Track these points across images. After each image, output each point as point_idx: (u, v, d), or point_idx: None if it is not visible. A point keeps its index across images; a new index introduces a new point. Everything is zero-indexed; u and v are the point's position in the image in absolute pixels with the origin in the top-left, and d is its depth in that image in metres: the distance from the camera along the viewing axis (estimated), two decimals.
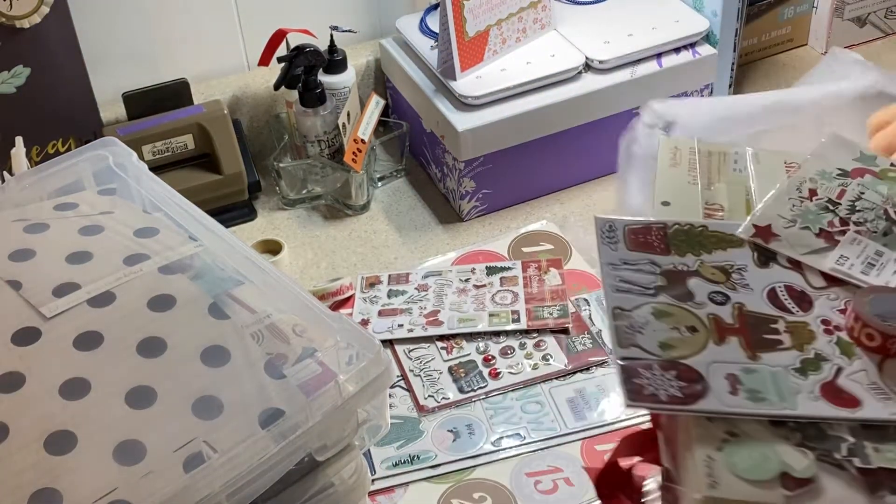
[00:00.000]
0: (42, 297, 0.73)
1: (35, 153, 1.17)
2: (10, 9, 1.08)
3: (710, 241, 0.80)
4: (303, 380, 0.70)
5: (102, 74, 1.25)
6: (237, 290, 0.77)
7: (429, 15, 1.32)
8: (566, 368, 0.99)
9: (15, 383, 0.67)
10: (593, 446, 0.92)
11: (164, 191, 0.86)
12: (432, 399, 0.98)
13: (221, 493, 0.63)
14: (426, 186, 1.30)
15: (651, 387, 0.68)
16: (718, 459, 0.66)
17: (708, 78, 1.28)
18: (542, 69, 1.21)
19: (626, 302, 0.74)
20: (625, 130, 1.23)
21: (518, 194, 1.25)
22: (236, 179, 1.23)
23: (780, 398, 0.68)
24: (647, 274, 0.77)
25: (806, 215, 0.80)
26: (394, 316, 1.07)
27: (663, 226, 0.80)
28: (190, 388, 0.68)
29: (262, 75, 1.34)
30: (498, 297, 1.07)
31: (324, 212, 1.27)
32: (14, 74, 1.12)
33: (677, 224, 0.80)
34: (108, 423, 0.66)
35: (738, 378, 0.69)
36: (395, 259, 1.19)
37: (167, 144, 1.20)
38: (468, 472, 0.91)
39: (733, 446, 0.66)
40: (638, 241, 0.79)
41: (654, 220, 0.81)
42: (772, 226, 0.80)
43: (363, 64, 1.38)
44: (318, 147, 1.25)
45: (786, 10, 1.46)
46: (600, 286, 1.08)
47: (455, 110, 1.19)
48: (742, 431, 0.67)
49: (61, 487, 0.62)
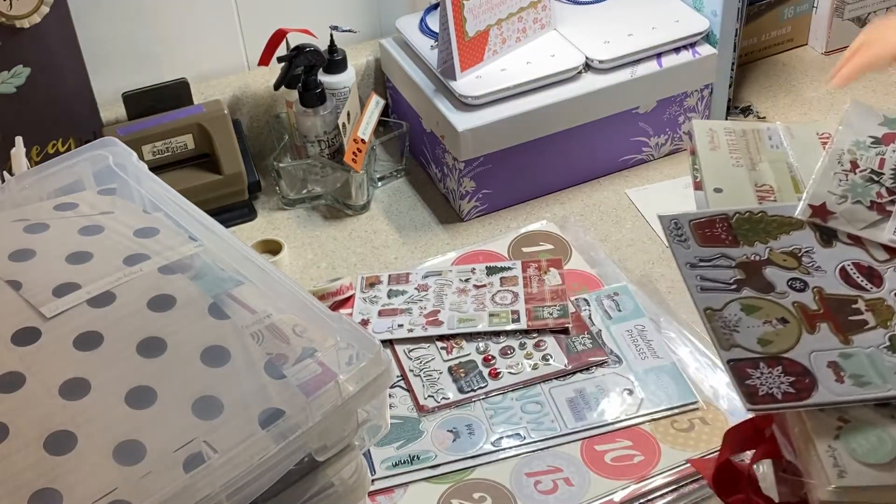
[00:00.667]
0: (42, 297, 0.73)
1: (35, 153, 1.17)
2: (10, 9, 1.08)
3: (773, 227, 0.81)
4: (303, 380, 0.70)
5: (102, 74, 1.25)
6: (237, 290, 0.77)
7: (429, 15, 1.32)
8: (566, 368, 0.99)
9: (15, 383, 0.67)
10: (593, 446, 0.92)
11: (164, 191, 0.86)
12: (432, 399, 0.98)
13: (221, 493, 0.63)
14: (426, 186, 1.30)
15: (764, 386, 0.70)
16: (839, 448, 0.68)
17: (708, 78, 1.28)
18: (542, 69, 1.21)
19: (714, 301, 0.76)
20: (625, 130, 1.23)
21: (518, 194, 1.25)
22: (236, 179, 1.23)
23: (883, 379, 0.70)
24: (723, 269, 0.78)
25: (854, 189, 0.82)
26: (394, 316, 1.07)
27: (725, 216, 0.82)
28: (190, 388, 0.68)
29: (262, 75, 1.34)
30: (498, 297, 1.07)
31: (324, 212, 1.27)
32: (14, 74, 1.12)
33: (738, 213, 0.82)
34: (108, 423, 0.66)
35: (839, 365, 0.71)
36: (395, 259, 1.19)
37: (167, 144, 1.20)
38: (468, 472, 0.91)
39: (848, 433, 0.68)
40: (706, 236, 0.81)
41: (715, 211, 0.83)
42: (826, 204, 0.82)
43: (363, 64, 1.38)
44: (318, 147, 1.25)
45: (786, 10, 1.46)
46: (600, 286, 1.09)
47: (455, 110, 1.19)
48: (853, 417, 0.69)
49: (61, 487, 0.62)
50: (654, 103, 1.26)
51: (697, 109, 1.30)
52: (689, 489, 0.89)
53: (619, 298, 1.07)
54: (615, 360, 1.00)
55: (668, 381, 0.97)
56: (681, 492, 0.89)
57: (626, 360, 1.00)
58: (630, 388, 0.97)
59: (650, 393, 0.96)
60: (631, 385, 0.97)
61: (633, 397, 0.96)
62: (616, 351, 1.01)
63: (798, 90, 1.42)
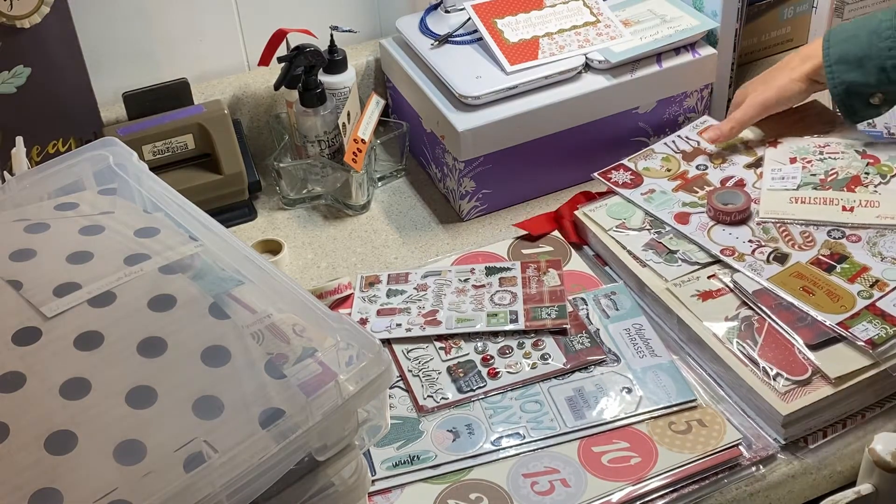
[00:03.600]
0: (43, 296, 0.73)
1: (35, 153, 1.17)
2: (11, 9, 1.08)
3: None
4: (303, 380, 0.70)
5: (102, 74, 1.25)
6: (237, 290, 0.77)
7: (429, 15, 1.32)
8: (564, 367, 1.00)
9: (15, 383, 0.68)
10: (590, 447, 0.92)
11: (165, 191, 0.86)
12: (431, 399, 0.98)
13: (222, 492, 0.63)
14: (426, 186, 1.31)
15: None
16: None
17: (708, 78, 1.28)
18: (542, 69, 1.21)
19: None
20: (625, 130, 1.23)
21: (518, 194, 1.25)
22: (236, 179, 1.24)
23: None
24: None
25: None
26: (392, 315, 1.07)
27: None
28: (190, 387, 0.68)
29: (262, 75, 1.34)
30: (496, 298, 1.08)
31: (324, 212, 1.27)
32: (14, 74, 1.12)
33: None
34: (108, 422, 0.66)
35: None
36: (395, 259, 1.19)
37: (167, 144, 1.21)
38: (465, 472, 0.91)
39: None
40: None
41: None
42: None
43: (363, 64, 1.38)
44: (318, 147, 1.25)
45: (786, 10, 1.46)
46: (598, 285, 1.09)
47: (455, 110, 1.19)
48: None
49: (61, 487, 0.62)
50: (654, 103, 1.27)
51: (697, 109, 1.30)
52: (686, 491, 0.89)
53: (616, 297, 1.07)
54: (613, 359, 1.00)
55: (666, 379, 0.97)
56: (678, 493, 0.89)
57: (624, 359, 1.00)
58: (629, 386, 0.97)
59: (649, 391, 0.96)
60: (630, 383, 0.97)
61: (631, 396, 0.96)
62: (614, 349, 1.01)
63: None
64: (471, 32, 1.27)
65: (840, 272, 1.01)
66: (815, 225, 1.07)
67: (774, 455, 0.92)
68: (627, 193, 1.16)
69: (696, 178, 1.17)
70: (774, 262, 1.04)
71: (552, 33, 1.24)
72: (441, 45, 1.27)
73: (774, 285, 1.00)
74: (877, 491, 0.90)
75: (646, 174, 1.19)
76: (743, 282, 1.02)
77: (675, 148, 1.22)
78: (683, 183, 1.16)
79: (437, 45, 1.27)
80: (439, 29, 1.29)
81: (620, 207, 1.15)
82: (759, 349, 0.96)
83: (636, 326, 1.03)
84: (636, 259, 1.08)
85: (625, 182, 1.18)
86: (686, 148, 1.22)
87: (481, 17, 1.25)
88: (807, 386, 0.92)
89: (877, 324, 0.95)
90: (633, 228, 1.12)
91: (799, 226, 1.08)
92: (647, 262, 1.07)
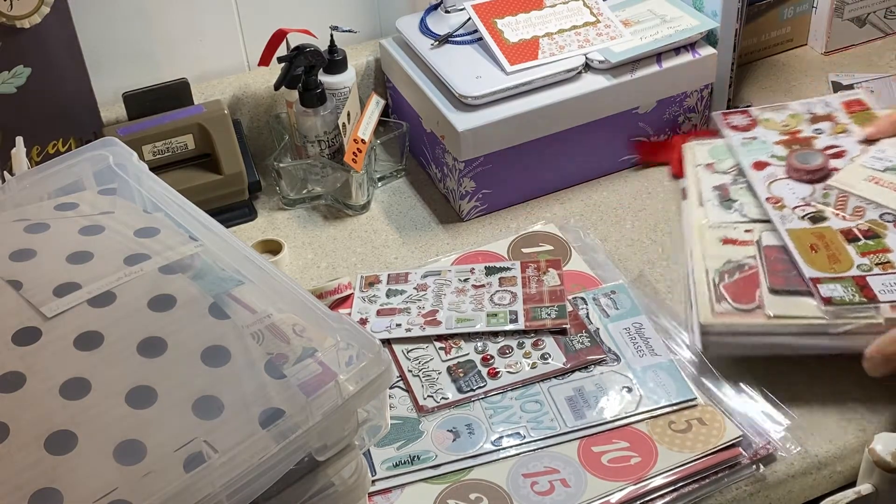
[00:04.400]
0: (42, 296, 0.73)
1: (35, 153, 1.17)
2: (11, 9, 1.08)
3: None
4: (303, 380, 0.70)
5: (102, 74, 1.25)
6: (237, 290, 0.77)
7: (429, 15, 1.32)
8: (565, 367, 1.00)
9: (15, 383, 0.68)
10: (590, 447, 0.92)
11: (165, 191, 0.86)
12: (431, 399, 0.98)
13: (222, 492, 0.63)
14: (426, 186, 1.31)
15: None
16: None
17: (708, 78, 1.28)
18: (542, 69, 1.21)
19: None
20: (625, 130, 1.24)
21: (518, 194, 1.25)
22: (236, 179, 1.24)
23: None
24: None
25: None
26: (392, 315, 1.07)
27: None
28: (190, 387, 0.68)
29: (262, 75, 1.34)
30: (496, 298, 1.08)
31: (324, 212, 1.27)
32: (14, 74, 1.12)
33: None
34: (108, 422, 0.66)
35: None
36: (395, 259, 1.19)
37: (167, 144, 1.21)
38: (465, 472, 0.91)
39: None
40: None
41: None
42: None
43: (363, 64, 1.38)
44: (318, 147, 1.25)
45: (785, 10, 1.46)
46: (598, 285, 1.09)
47: (455, 110, 1.19)
48: None
49: (61, 487, 0.62)
50: (654, 103, 1.27)
51: (697, 109, 1.30)
52: (686, 490, 0.89)
53: (615, 297, 1.07)
54: (613, 359, 1.00)
55: (666, 378, 0.97)
56: (678, 493, 0.89)
57: (624, 358, 1.00)
58: (629, 385, 0.97)
59: (649, 390, 0.96)
60: (630, 383, 0.97)
61: (632, 395, 0.96)
62: (614, 349, 1.01)
63: (798, 90, 1.42)
64: (471, 32, 1.27)
65: (861, 246, 0.98)
66: (875, 205, 1.04)
67: (774, 454, 0.92)
68: (731, 135, 1.16)
69: (804, 139, 1.15)
70: (807, 220, 1.02)
71: (552, 33, 1.24)
72: (441, 45, 1.27)
73: (789, 237, 1.00)
74: (877, 491, 0.90)
75: (763, 124, 1.18)
76: (766, 239, 1.02)
77: (808, 109, 1.20)
78: (790, 140, 1.14)
79: (437, 45, 1.27)
80: (439, 29, 1.29)
81: (720, 149, 1.16)
82: (727, 284, 0.97)
83: (636, 326, 1.03)
84: (699, 197, 1.09)
85: (737, 125, 1.18)
86: (820, 112, 1.19)
87: (481, 17, 1.26)
88: (744, 313, 0.94)
89: (849, 289, 0.93)
90: (719, 171, 1.13)
91: (858, 201, 1.04)
92: (705, 202, 1.08)
